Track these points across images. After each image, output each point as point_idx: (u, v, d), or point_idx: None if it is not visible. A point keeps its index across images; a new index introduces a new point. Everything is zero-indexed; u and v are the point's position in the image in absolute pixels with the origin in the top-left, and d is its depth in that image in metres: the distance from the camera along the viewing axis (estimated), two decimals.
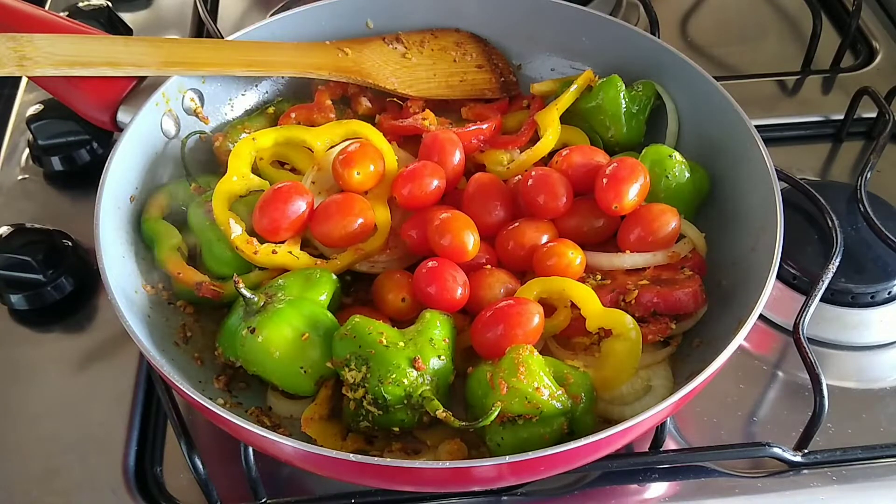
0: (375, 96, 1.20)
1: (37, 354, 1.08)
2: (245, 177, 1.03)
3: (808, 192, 1.12)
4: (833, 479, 0.97)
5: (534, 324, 0.91)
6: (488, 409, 0.83)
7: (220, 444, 0.97)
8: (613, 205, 1.00)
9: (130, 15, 1.54)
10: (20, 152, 1.31)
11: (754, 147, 1.03)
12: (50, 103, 1.27)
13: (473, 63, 1.24)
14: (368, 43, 1.22)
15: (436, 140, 1.07)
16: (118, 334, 1.08)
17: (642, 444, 0.98)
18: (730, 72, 1.46)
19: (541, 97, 1.20)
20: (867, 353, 1.10)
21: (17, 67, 1.01)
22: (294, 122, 1.14)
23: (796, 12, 1.56)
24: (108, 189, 0.98)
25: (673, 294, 0.97)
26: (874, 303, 1.10)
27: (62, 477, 0.97)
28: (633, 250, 1.02)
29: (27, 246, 1.11)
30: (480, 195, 1.04)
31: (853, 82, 1.39)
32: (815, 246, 1.12)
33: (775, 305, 1.11)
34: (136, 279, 1.00)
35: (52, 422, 1.02)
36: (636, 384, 0.96)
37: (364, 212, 1.00)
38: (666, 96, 1.16)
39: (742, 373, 1.07)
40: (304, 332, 0.90)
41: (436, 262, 0.97)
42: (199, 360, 0.98)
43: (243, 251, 0.98)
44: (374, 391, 0.86)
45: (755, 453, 0.97)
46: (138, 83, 1.07)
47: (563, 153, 1.07)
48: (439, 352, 0.89)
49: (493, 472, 0.82)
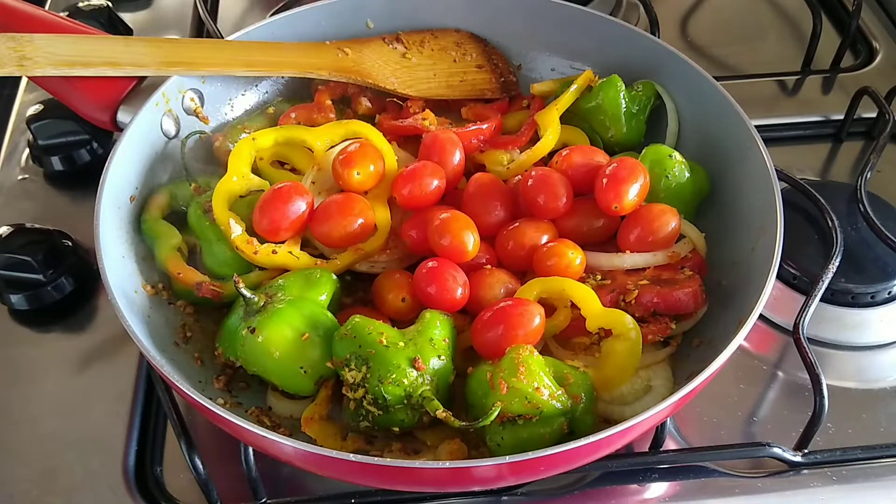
0: (375, 96, 1.20)
1: (37, 354, 1.08)
2: (245, 177, 1.03)
3: (808, 192, 1.12)
4: (833, 479, 0.97)
5: (535, 325, 0.91)
6: (488, 409, 0.83)
7: (220, 444, 0.97)
8: (613, 205, 1.00)
9: (130, 15, 1.54)
10: (20, 152, 1.31)
11: (754, 147, 1.03)
12: (50, 103, 1.27)
13: (473, 63, 1.24)
14: (368, 43, 1.22)
15: (436, 140, 1.07)
16: (118, 334, 1.08)
17: (642, 444, 0.98)
18: (730, 72, 1.46)
19: (541, 97, 1.20)
20: (867, 353, 1.10)
21: (17, 67, 1.01)
22: (294, 122, 1.14)
23: (796, 12, 1.56)
24: (108, 189, 0.98)
25: (673, 294, 0.97)
26: (874, 303, 1.10)
27: (62, 477, 0.97)
28: (633, 250, 1.02)
29: (27, 246, 1.11)
30: (480, 195, 1.04)
31: (853, 82, 1.39)
32: (815, 246, 1.12)
33: (775, 305, 1.11)
34: (136, 279, 1.00)
35: (52, 422, 1.02)
36: (636, 384, 0.96)
37: (364, 212, 1.00)
38: (666, 96, 1.16)
39: (742, 373, 1.07)
40: (304, 332, 0.90)
41: (436, 263, 0.97)
42: (199, 360, 0.98)
43: (243, 251, 0.98)
44: (374, 391, 0.86)
45: (755, 453, 0.97)
46: (138, 83, 1.07)
47: (563, 153, 1.07)
48: (439, 352, 0.89)
49: (493, 472, 0.82)
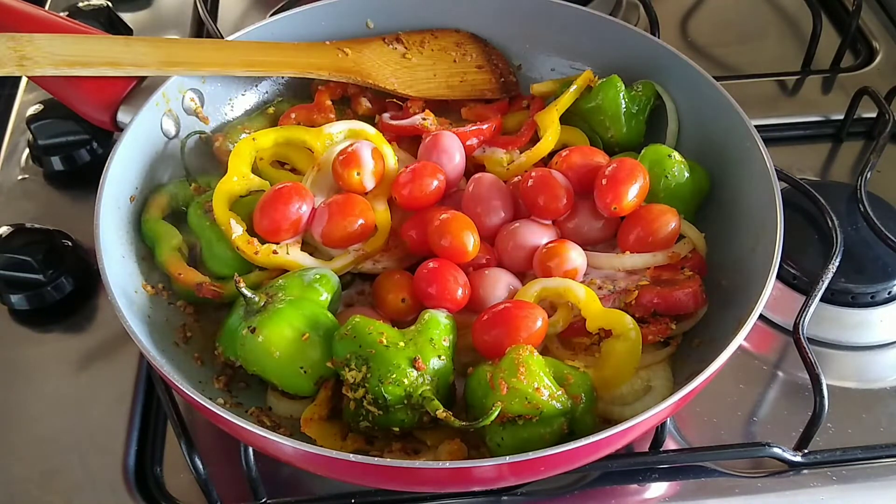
0: (375, 96, 1.20)
1: (37, 354, 1.08)
2: (245, 177, 1.03)
3: (808, 192, 1.12)
4: (833, 479, 0.97)
5: (537, 327, 0.91)
6: (488, 409, 0.83)
7: (220, 444, 0.97)
8: (613, 206, 1.00)
9: (130, 15, 1.53)
10: (20, 152, 1.31)
11: (754, 147, 1.03)
12: (50, 103, 1.26)
13: (473, 63, 1.24)
14: (368, 43, 1.22)
15: (436, 140, 1.07)
16: (118, 334, 1.07)
17: (642, 444, 0.98)
18: (730, 72, 1.46)
19: (541, 97, 1.20)
20: (867, 353, 1.10)
21: (17, 67, 1.01)
22: (294, 122, 1.14)
23: (796, 12, 1.56)
24: (108, 189, 0.98)
25: (673, 294, 0.97)
26: (874, 303, 1.10)
27: (62, 477, 0.97)
28: (633, 251, 1.02)
29: (27, 246, 1.11)
30: (480, 195, 1.04)
31: (853, 82, 1.39)
32: (815, 246, 1.12)
33: (775, 305, 1.11)
34: (136, 279, 1.00)
35: (52, 422, 1.02)
36: (636, 384, 0.96)
37: (364, 212, 1.00)
38: (666, 96, 1.16)
39: (742, 373, 1.07)
40: (305, 332, 0.90)
41: (436, 263, 0.97)
42: (199, 360, 0.98)
43: (244, 251, 0.98)
44: (374, 391, 0.86)
45: (755, 453, 0.97)
46: (138, 83, 1.07)
47: (562, 154, 1.07)
48: (439, 352, 0.89)
49: (493, 472, 0.82)
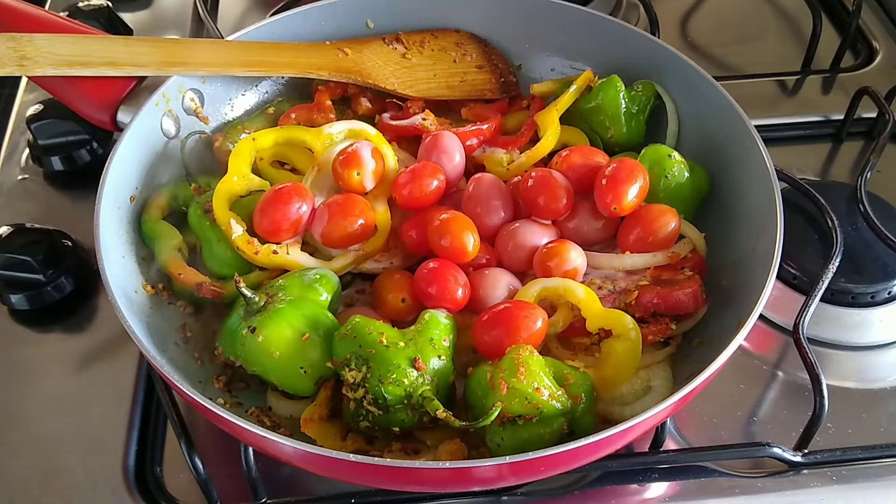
0: (375, 96, 1.20)
1: (37, 354, 1.08)
2: (245, 177, 1.03)
3: (808, 192, 1.12)
4: (833, 479, 0.97)
5: (537, 328, 0.91)
6: (488, 409, 0.83)
7: (220, 444, 0.97)
8: (612, 206, 1.00)
9: (130, 15, 1.54)
10: (20, 152, 1.31)
11: (754, 147, 1.02)
12: (50, 103, 1.27)
13: (473, 63, 1.24)
14: (368, 43, 1.22)
15: (436, 140, 1.07)
16: (118, 334, 1.07)
17: (642, 444, 0.98)
18: (730, 72, 1.46)
19: (541, 97, 1.20)
20: (867, 353, 1.10)
21: (17, 67, 1.01)
22: (294, 122, 1.14)
23: (796, 12, 1.56)
24: (108, 189, 0.98)
25: (673, 294, 0.97)
26: (874, 303, 1.10)
27: (62, 477, 0.97)
28: (633, 251, 1.02)
29: (27, 246, 1.11)
30: (480, 195, 1.04)
31: (853, 82, 1.39)
32: (815, 246, 1.12)
33: (775, 305, 1.11)
34: (136, 279, 1.00)
35: (52, 422, 1.02)
36: (636, 384, 0.96)
37: (364, 212, 1.00)
38: (666, 96, 1.16)
39: (742, 373, 1.07)
40: (305, 332, 0.90)
41: (436, 263, 0.97)
42: (199, 360, 0.98)
43: (244, 251, 0.98)
44: (374, 391, 0.86)
45: (755, 453, 0.97)
46: (138, 83, 1.07)
47: (562, 154, 1.07)
48: (439, 352, 0.89)
49: (493, 472, 0.82)
